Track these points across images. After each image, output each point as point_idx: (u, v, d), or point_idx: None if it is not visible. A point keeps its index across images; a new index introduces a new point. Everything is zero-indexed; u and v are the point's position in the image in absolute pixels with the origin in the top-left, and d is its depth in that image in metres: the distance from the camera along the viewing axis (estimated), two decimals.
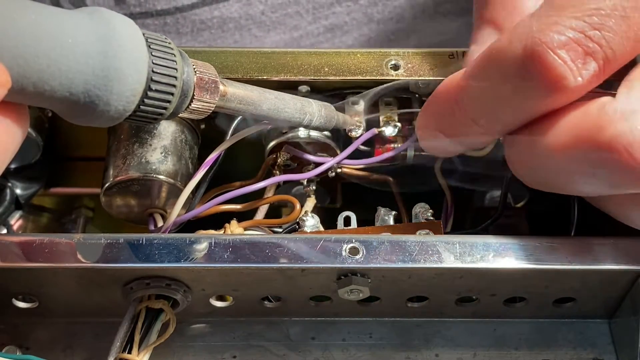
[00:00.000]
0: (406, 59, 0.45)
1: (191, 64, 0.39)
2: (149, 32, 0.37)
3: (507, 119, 0.38)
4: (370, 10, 0.63)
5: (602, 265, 0.40)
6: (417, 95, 0.46)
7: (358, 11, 0.63)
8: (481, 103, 0.38)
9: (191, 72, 0.38)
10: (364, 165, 0.47)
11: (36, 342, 0.43)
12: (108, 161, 0.45)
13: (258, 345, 0.44)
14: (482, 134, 0.39)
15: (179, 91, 0.37)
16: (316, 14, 0.62)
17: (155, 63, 0.36)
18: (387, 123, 0.46)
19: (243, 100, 0.41)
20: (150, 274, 0.40)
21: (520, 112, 0.38)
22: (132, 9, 0.59)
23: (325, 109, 0.44)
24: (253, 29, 0.62)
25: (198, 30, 0.61)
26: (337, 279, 0.40)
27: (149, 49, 0.36)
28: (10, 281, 0.41)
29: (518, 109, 0.37)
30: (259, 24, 0.62)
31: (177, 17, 0.60)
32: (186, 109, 0.39)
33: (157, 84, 0.36)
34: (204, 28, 0.61)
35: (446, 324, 0.45)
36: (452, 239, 0.40)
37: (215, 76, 0.39)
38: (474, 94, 0.38)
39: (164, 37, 0.37)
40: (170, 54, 0.37)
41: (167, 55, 0.37)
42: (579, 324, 0.45)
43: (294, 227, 0.44)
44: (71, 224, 0.54)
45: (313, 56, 0.45)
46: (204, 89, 0.39)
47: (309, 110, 0.43)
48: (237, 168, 0.47)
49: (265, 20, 0.62)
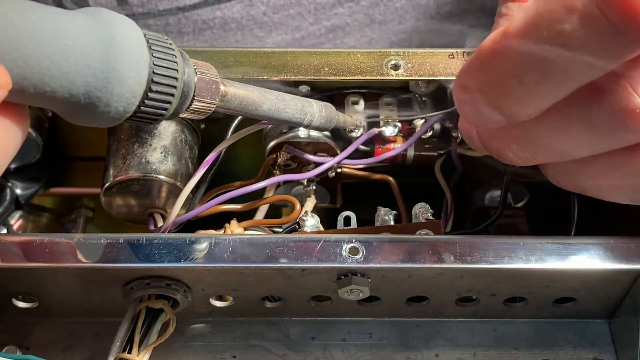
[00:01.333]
0: (406, 58, 0.45)
1: (192, 65, 0.38)
2: (151, 33, 0.37)
3: (562, 82, 0.33)
4: (372, 11, 0.63)
5: (602, 265, 0.40)
6: (417, 95, 0.46)
7: (360, 12, 0.63)
8: (532, 59, 0.33)
9: (192, 72, 0.38)
10: (364, 165, 0.47)
11: (36, 342, 0.43)
12: (108, 161, 0.45)
13: (258, 345, 0.44)
14: (524, 99, 0.34)
15: (179, 92, 0.37)
16: (318, 15, 0.62)
17: (156, 64, 0.36)
18: (387, 123, 0.46)
19: (243, 100, 0.41)
20: (150, 274, 0.40)
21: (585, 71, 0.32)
22: (135, 9, 0.59)
23: (326, 109, 0.44)
24: (255, 29, 0.62)
25: (200, 30, 0.61)
26: (337, 279, 0.40)
27: (149, 50, 0.36)
28: (10, 281, 0.41)
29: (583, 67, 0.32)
30: (260, 24, 0.62)
31: (179, 17, 0.60)
32: (187, 109, 0.39)
33: (157, 85, 0.36)
34: (205, 28, 0.61)
35: (446, 324, 0.45)
36: (452, 239, 0.40)
37: (216, 77, 0.39)
38: (525, 47, 0.33)
39: (165, 38, 0.37)
40: (171, 55, 0.37)
41: (168, 56, 0.37)
42: (579, 324, 0.45)
43: (294, 227, 0.44)
44: (71, 224, 0.54)
45: (313, 56, 0.45)
46: (205, 89, 0.39)
47: (310, 110, 0.43)
48: (237, 168, 0.47)
49: (267, 21, 0.62)
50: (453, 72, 0.45)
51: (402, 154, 0.46)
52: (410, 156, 0.47)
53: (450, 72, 0.45)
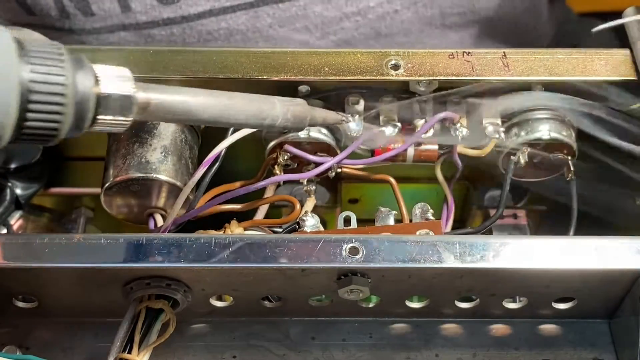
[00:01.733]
0: (406, 58, 0.45)
1: (93, 75, 0.34)
2: (33, 40, 0.33)
3: None
4: (378, 24, 0.63)
5: (602, 265, 0.40)
6: (417, 95, 0.46)
7: (366, 26, 0.63)
8: None
9: (89, 84, 0.33)
10: (364, 165, 0.47)
11: (36, 342, 0.43)
12: (108, 161, 0.45)
13: (258, 345, 0.44)
14: None
15: (71, 107, 0.33)
16: (325, 29, 0.62)
17: (32, 79, 0.31)
18: (387, 123, 0.46)
19: (174, 110, 0.37)
20: (150, 274, 0.40)
21: None
22: (139, 17, 0.59)
23: (296, 107, 0.41)
24: (260, 42, 0.62)
25: (204, 40, 0.61)
26: (337, 279, 0.40)
27: (21, 59, 0.31)
28: (10, 281, 0.41)
29: None
30: (266, 37, 0.62)
31: (184, 27, 0.60)
32: (93, 124, 0.34)
33: (36, 104, 0.32)
34: (210, 39, 0.61)
35: (446, 324, 0.45)
36: (452, 239, 0.40)
37: (130, 88, 0.35)
38: None
39: (52, 45, 0.33)
40: (55, 64, 0.32)
41: (49, 67, 0.32)
42: (579, 324, 0.45)
43: (294, 227, 0.44)
44: (71, 224, 0.54)
45: (313, 56, 0.45)
46: (111, 103, 0.34)
47: (270, 114, 0.40)
48: (237, 168, 0.47)
49: (273, 34, 0.61)
50: (453, 72, 0.45)
51: (402, 153, 0.46)
52: (410, 156, 0.47)
53: (450, 72, 0.45)
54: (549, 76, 0.45)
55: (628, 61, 0.46)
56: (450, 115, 0.45)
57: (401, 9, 0.62)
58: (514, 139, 0.46)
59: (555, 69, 0.45)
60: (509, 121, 0.46)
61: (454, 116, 0.45)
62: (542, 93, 0.45)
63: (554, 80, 0.45)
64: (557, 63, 0.46)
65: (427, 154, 0.47)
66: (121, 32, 0.60)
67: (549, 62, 0.46)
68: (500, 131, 0.46)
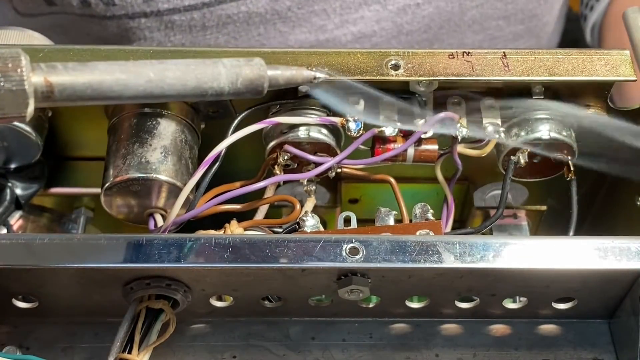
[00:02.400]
0: (406, 58, 0.45)
1: None
2: None
3: None
4: (400, 19, 0.63)
5: (602, 265, 0.40)
6: (417, 95, 0.46)
7: (387, 20, 0.63)
8: None
9: None
10: (364, 165, 0.47)
11: (36, 342, 0.43)
12: (108, 161, 0.45)
13: (258, 345, 0.44)
14: None
15: None
16: (343, 15, 0.62)
17: None
18: (387, 123, 0.46)
19: (82, 94, 0.33)
20: (150, 274, 0.40)
21: None
22: (160, 5, 0.59)
23: (249, 71, 0.37)
24: (278, 23, 0.62)
25: (223, 24, 0.61)
26: (337, 279, 0.40)
27: None
28: (10, 281, 0.41)
29: None
30: (284, 19, 0.62)
31: (204, 12, 0.60)
32: None
33: None
34: (229, 22, 0.61)
35: (446, 324, 0.45)
36: (452, 239, 0.40)
37: (19, 81, 0.31)
38: None
39: None
40: None
41: None
42: (579, 324, 0.45)
43: (294, 227, 0.44)
44: (71, 224, 0.54)
45: (313, 56, 0.45)
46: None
47: (213, 84, 0.36)
48: (237, 168, 0.47)
49: (291, 16, 0.61)
50: (453, 72, 0.45)
51: (402, 153, 0.46)
52: (410, 156, 0.47)
53: (450, 72, 0.45)
54: (549, 76, 0.45)
55: (628, 61, 0.46)
56: (450, 115, 0.45)
57: (422, 2, 0.62)
58: (514, 139, 0.46)
59: (555, 69, 0.45)
60: (509, 121, 0.46)
61: (454, 116, 0.45)
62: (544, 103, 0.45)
63: (554, 80, 0.45)
64: (557, 63, 0.46)
65: (427, 154, 0.47)
66: (142, 18, 0.60)
67: (549, 62, 0.46)
68: (500, 131, 0.46)
